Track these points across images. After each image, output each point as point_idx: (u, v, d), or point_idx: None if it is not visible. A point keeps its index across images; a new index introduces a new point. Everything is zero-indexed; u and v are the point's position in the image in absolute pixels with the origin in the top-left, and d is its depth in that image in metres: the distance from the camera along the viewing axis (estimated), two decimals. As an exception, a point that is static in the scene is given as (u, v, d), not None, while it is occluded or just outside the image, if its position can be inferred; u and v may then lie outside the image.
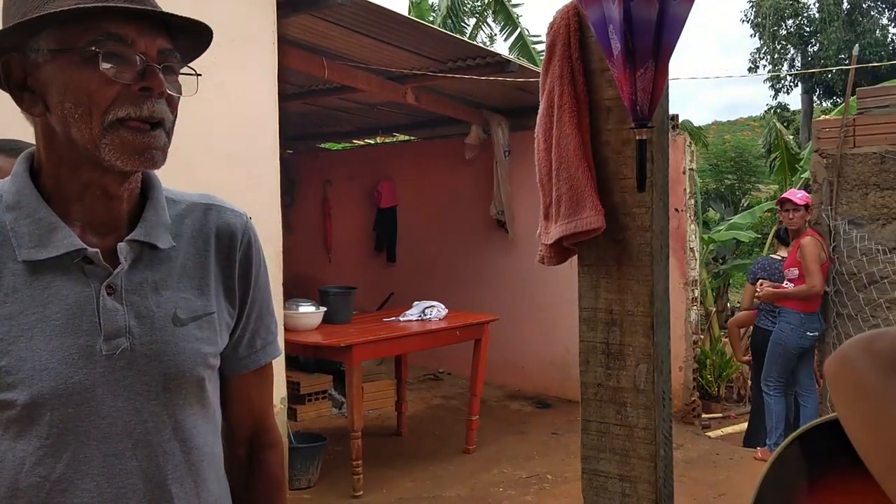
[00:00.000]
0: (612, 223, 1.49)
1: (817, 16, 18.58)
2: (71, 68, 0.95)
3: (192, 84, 1.06)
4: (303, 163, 9.27)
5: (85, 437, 0.97)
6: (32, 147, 1.05)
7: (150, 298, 1.03)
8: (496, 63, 5.71)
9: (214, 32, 1.07)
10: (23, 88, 0.99)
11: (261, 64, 4.26)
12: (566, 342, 6.26)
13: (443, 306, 5.50)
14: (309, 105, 6.88)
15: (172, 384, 1.03)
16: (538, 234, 1.62)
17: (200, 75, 1.07)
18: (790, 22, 19.31)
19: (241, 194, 4.17)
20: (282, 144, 4.47)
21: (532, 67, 6.05)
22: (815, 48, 18.51)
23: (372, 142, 9.42)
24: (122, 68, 0.95)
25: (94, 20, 0.95)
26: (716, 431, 6.30)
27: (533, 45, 10.26)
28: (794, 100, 23.79)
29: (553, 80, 1.52)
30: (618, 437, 1.48)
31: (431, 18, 10.38)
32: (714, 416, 6.74)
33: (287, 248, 4.58)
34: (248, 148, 4.22)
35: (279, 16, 4.33)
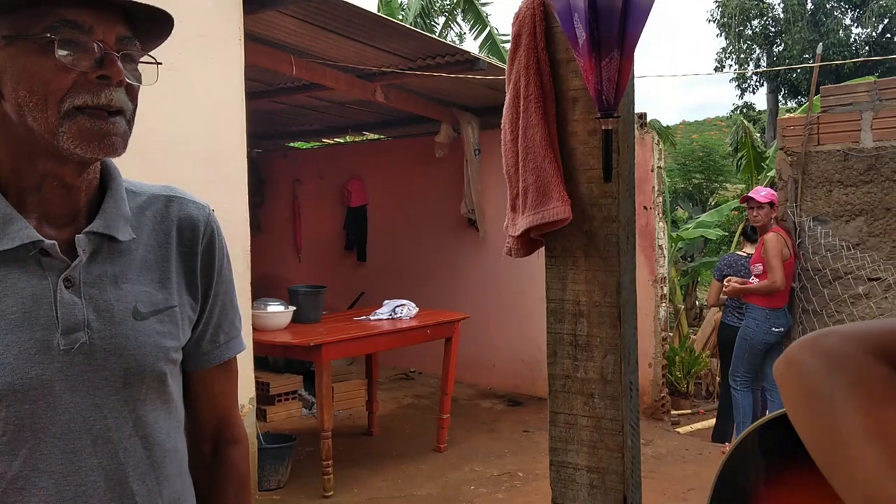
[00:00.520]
0: (578, 214, 1.49)
1: (782, 16, 18.86)
2: (26, 55, 0.92)
3: (153, 73, 1.04)
4: (272, 162, 9.21)
5: (42, 434, 0.95)
6: None
7: (109, 292, 1.01)
8: (466, 61, 5.71)
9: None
10: None
11: (227, 60, 4.22)
12: (537, 340, 6.27)
13: (413, 305, 5.49)
14: (277, 103, 6.84)
15: (133, 379, 1.01)
16: (505, 227, 1.62)
17: (161, 63, 1.04)
18: (755, 22, 19.57)
19: (207, 192, 4.10)
20: (250, 143, 4.43)
21: (501, 66, 6.06)
22: (780, 48, 18.78)
23: (342, 140, 9.38)
24: (78, 56, 0.93)
25: (50, 6, 0.92)
26: (685, 427, 6.36)
27: (502, 44, 10.29)
28: (759, 99, 24.15)
29: (519, 70, 1.52)
30: (585, 429, 1.48)
31: (401, 17, 10.36)
32: (683, 412, 6.80)
33: (256, 248, 4.54)
34: (215, 145, 4.18)
35: (245, 12, 4.29)
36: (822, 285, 5.43)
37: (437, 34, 10.57)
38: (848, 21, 18.67)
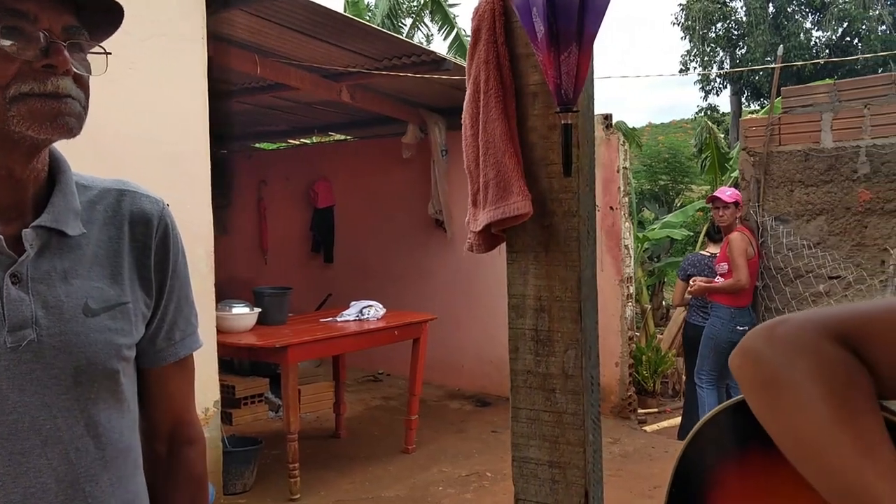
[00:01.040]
0: (539, 209, 1.48)
1: (745, 19, 19.15)
2: None
3: (102, 64, 1.02)
4: (237, 163, 9.12)
5: (-12, 435, 0.92)
6: None
7: (58, 288, 0.98)
8: (432, 61, 5.71)
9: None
10: None
11: (190, 60, 4.17)
12: (505, 340, 6.27)
13: (381, 306, 5.47)
14: (242, 103, 6.77)
15: (84, 377, 0.99)
16: (466, 222, 1.62)
17: (110, 54, 1.02)
18: (719, 25, 19.85)
19: (170, 193, 4.05)
20: (214, 144, 4.38)
21: (468, 66, 6.06)
22: (743, 51, 19.06)
23: (308, 141, 9.32)
24: (23, 45, 0.91)
25: None
26: (651, 426, 6.41)
27: (470, 46, 10.29)
28: (723, 101, 24.47)
29: (479, 64, 1.52)
30: (547, 424, 1.48)
31: (368, 18, 10.33)
32: (650, 411, 6.85)
33: (221, 250, 4.49)
34: (178, 146, 4.13)
35: (209, 11, 4.24)
36: (784, 284, 5.52)
37: (404, 35, 10.56)
38: (808, 25, 19.02)
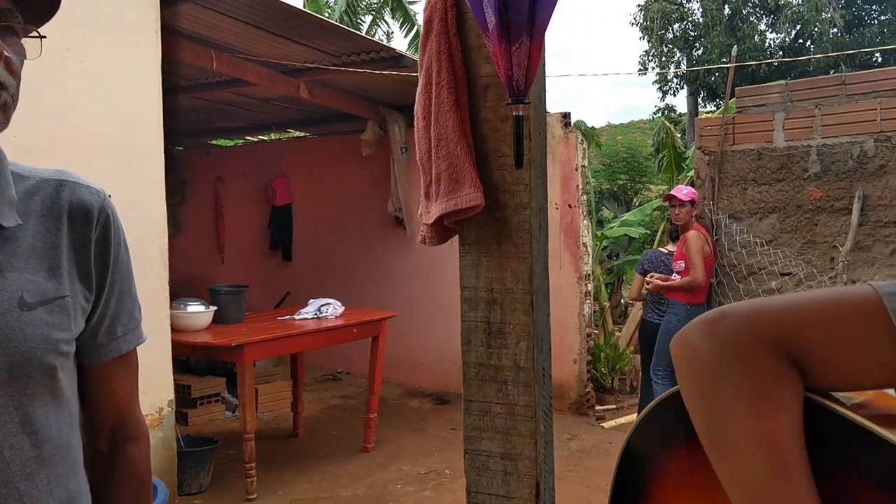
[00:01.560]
0: (491, 201, 1.48)
1: (701, 21, 19.44)
2: None
3: (37, 48, 0.98)
4: (193, 160, 8.99)
5: (-83, 433, 0.89)
6: None
7: (-9, 281, 0.95)
8: (391, 58, 5.68)
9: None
10: None
11: (143, 54, 4.10)
12: (464, 338, 6.28)
13: (339, 304, 5.43)
14: (198, 99, 6.68)
15: (19, 373, 0.95)
16: (419, 214, 1.61)
17: (45, 37, 0.99)
18: (676, 26, 20.11)
19: (122, 190, 3.99)
20: (169, 139, 4.31)
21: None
22: (700, 52, 19.35)
23: (266, 138, 9.22)
24: None
25: None
26: (609, 422, 6.46)
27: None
28: (680, 102, 24.80)
29: (431, 56, 1.51)
30: (499, 416, 1.48)
31: (328, 14, 10.26)
32: (608, 407, 6.91)
33: (177, 248, 4.42)
34: (130, 142, 4.05)
35: (163, 4, 4.17)
36: (738, 280, 5.61)
37: (364, 32, 10.51)
38: (763, 27, 19.37)
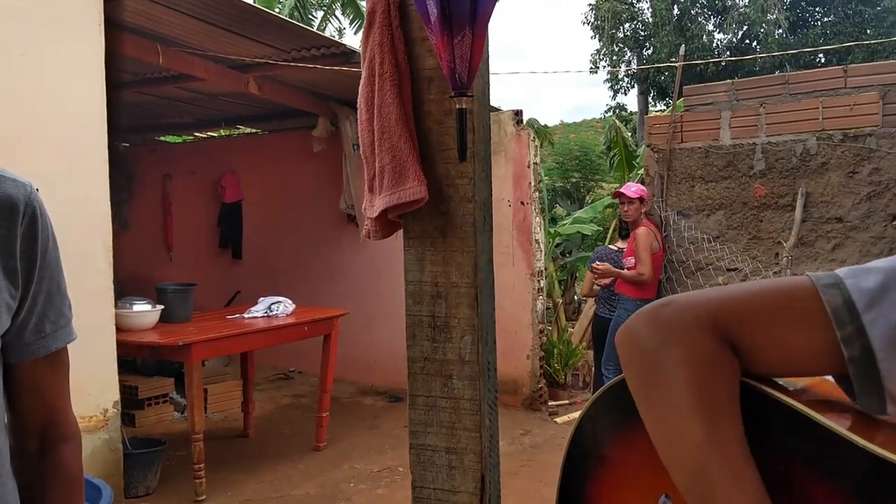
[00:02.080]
0: (435, 195, 1.47)
1: (651, 20, 19.73)
2: None
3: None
4: (140, 156, 8.81)
5: None
6: None
7: (-87, 278, 0.91)
8: (342, 54, 5.64)
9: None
10: None
11: (86, 48, 3.99)
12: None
13: (290, 302, 5.37)
14: (144, 94, 6.54)
15: (-59, 371, 0.92)
16: (363, 208, 1.59)
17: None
18: (627, 26, 20.39)
19: (65, 186, 3.90)
20: (114, 136, 4.21)
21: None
22: (650, 52, 19.64)
23: (215, 134, 9.08)
24: None
25: None
26: (562, 417, 6.51)
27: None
28: (631, 101, 25.14)
29: (374, 47, 1.49)
30: (444, 410, 1.48)
31: (278, 10, 10.14)
32: (561, 402, 6.96)
33: (123, 246, 4.33)
34: (72, 138, 3.95)
35: (106, -4, 4.07)
36: (686, 276, 5.70)
37: (315, 28, 10.41)
38: (711, 27, 19.76)
